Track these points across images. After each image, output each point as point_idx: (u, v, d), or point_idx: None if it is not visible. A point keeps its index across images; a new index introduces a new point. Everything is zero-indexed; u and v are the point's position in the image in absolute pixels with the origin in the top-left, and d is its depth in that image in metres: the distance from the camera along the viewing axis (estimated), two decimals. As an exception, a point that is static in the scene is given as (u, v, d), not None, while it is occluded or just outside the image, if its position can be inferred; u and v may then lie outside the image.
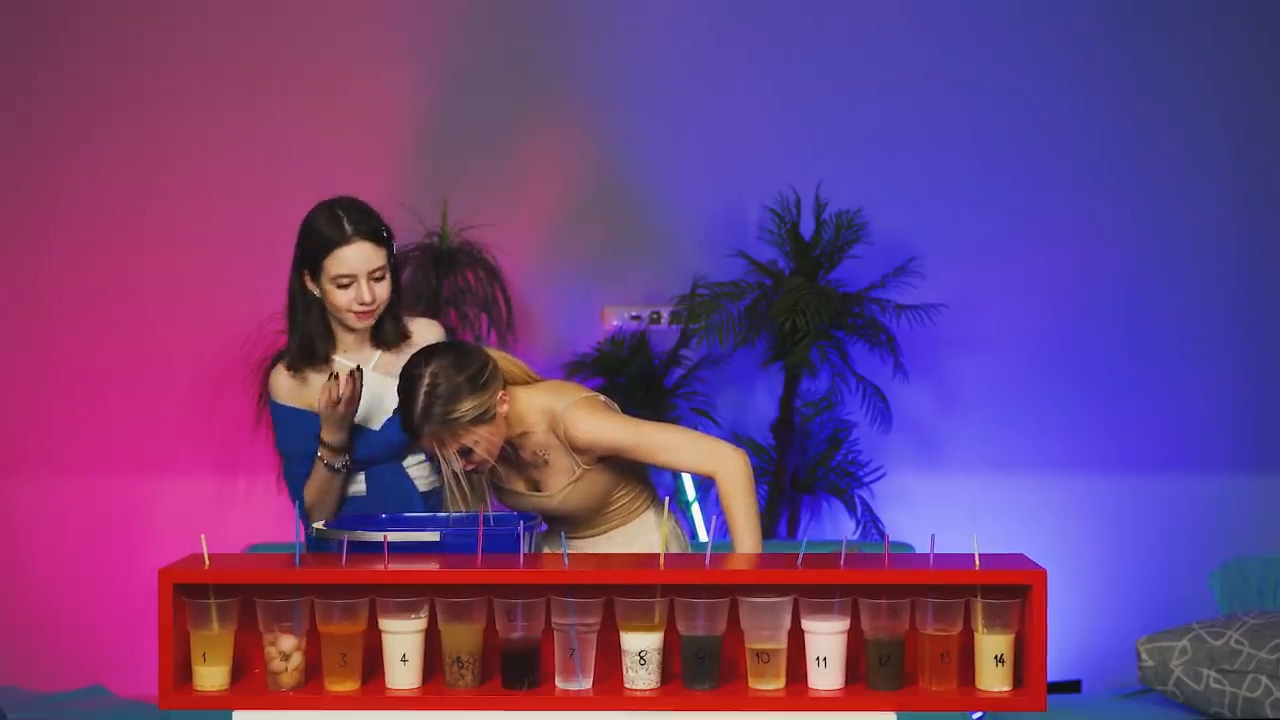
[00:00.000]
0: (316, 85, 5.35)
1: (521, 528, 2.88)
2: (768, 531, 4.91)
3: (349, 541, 2.85)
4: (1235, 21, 5.39)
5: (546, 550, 3.37)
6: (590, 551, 3.40)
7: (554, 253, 5.36)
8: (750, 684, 2.77)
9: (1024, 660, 2.76)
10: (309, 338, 3.40)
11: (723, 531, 3.34)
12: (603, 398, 3.36)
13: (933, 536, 2.82)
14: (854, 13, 5.39)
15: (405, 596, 2.77)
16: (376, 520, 3.20)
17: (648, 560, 2.91)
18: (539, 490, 3.37)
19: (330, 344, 3.42)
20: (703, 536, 5.11)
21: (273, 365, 3.49)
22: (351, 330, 3.40)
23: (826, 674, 2.76)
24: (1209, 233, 5.39)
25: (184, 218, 5.32)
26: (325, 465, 3.36)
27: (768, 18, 5.39)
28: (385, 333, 3.43)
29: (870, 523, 5.14)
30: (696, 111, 5.39)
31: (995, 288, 5.37)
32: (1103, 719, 4.30)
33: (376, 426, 3.41)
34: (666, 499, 3.11)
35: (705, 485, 5.18)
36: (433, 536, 2.95)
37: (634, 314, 5.34)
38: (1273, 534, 5.27)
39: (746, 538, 3.22)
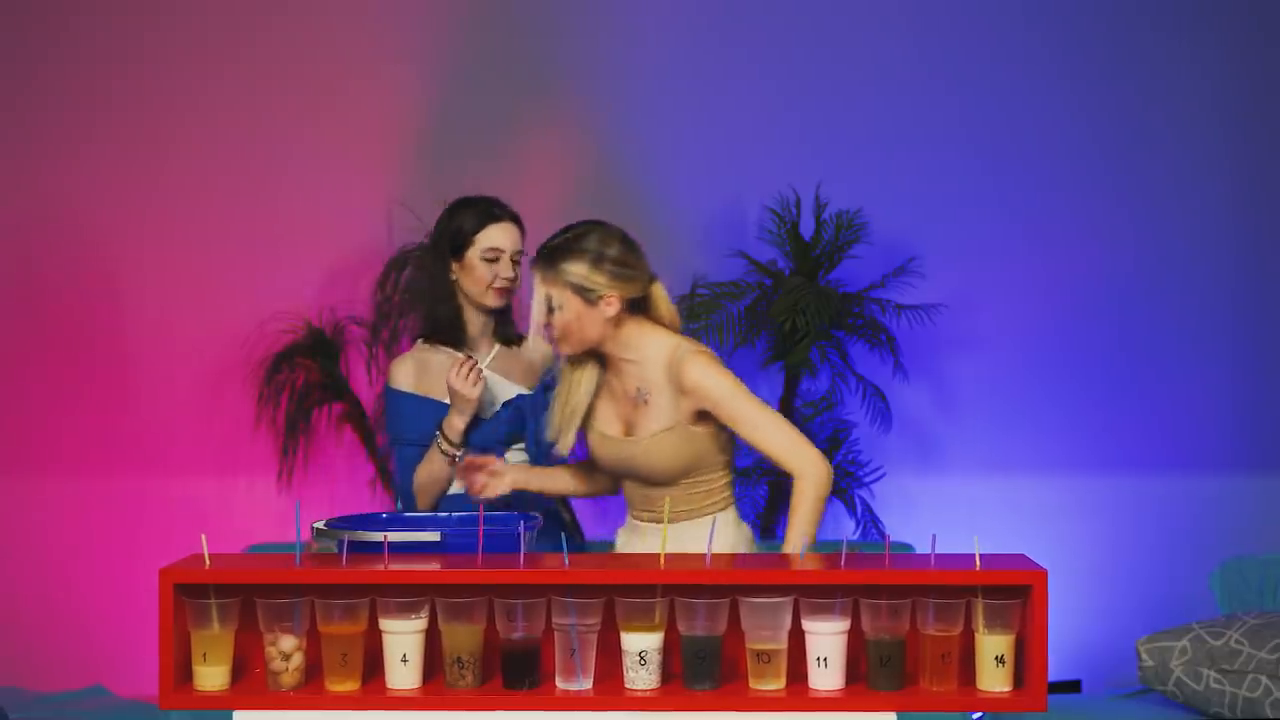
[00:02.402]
0: (316, 85, 5.35)
1: (522, 528, 2.88)
2: (767, 533, 4.91)
3: (350, 541, 2.86)
4: (1234, 22, 5.39)
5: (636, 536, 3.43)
6: (657, 543, 3.40)
7: (554, 253, 5.36)
8: (751, 684, 2.78)
9: (1024, 660, 2.76)
10: (447, 315, 3.75)
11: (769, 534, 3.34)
12: (722, 360, 3.42)
13: (933, 537, 2.82)
14: (854, 13, 5.39)
15: (406, 596, 2.77)
16: (377, 520, 3.21)
17: (648, 560, 2.92)
18: (631, 434, 3.38)
19: (461, 330, 3.76)
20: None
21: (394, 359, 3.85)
22: (484, 312, 3.73)
23: (827, 674, 2.76)
24: (1208, 233, 5.39)
25: (184, 218, 5.32)
26: (441, 451, 3.62)
27: (767, 18, 5.39)
28: (504, 327, 3.77)
29: (870, 523, 5.13)
30: (695, 111, 5.39)
31: (995, 288, 5.37)
32: (1103, 719, 4.30)
33: (487, 416, 3.68)
34: (667, 499, 3.11)
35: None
36: (433, 536, 2.96)
37: (634, 314, 5.34)
38: (1272, 534, 5.27)
39: (797, 542, 3.23)
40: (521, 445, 3.73)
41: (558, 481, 3.65)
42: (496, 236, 3.72)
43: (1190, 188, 5.39)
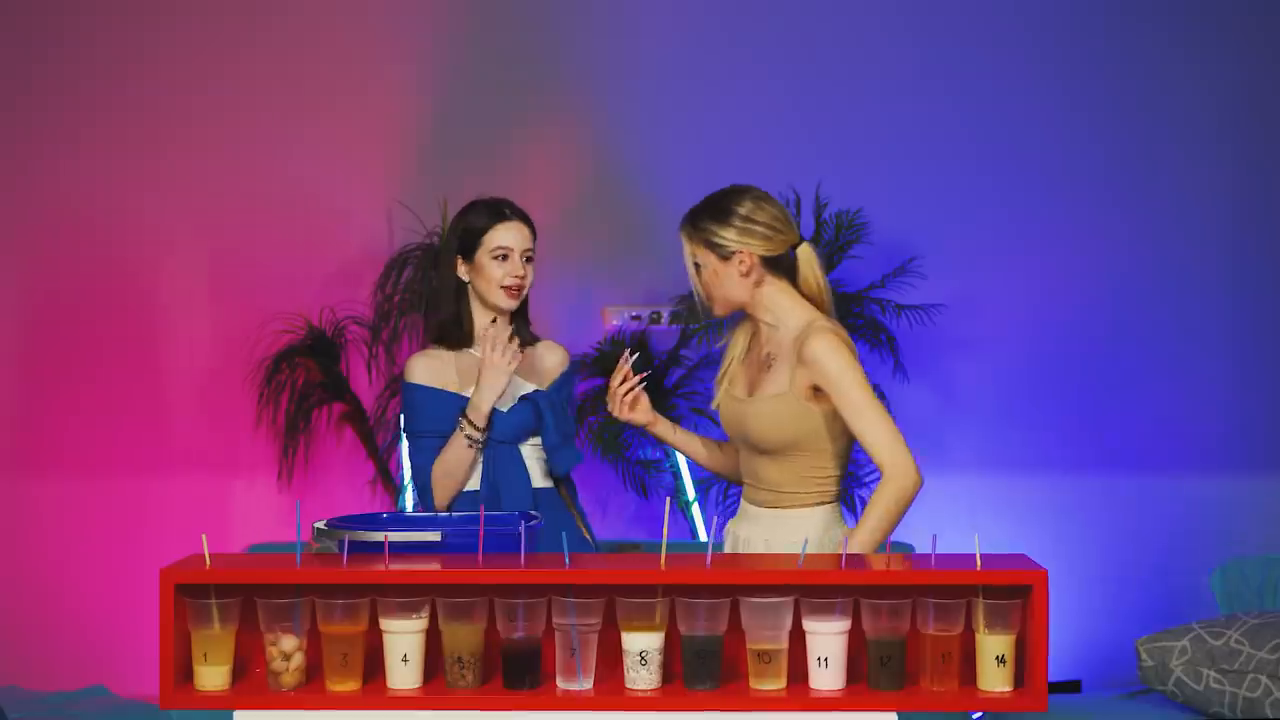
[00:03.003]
0: (316, 85, 5.35)
1: (522, 528, 2.88)
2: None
3: (350, 541, 2.86)
4: (1233, 22, 5.39)
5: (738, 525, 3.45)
6: (758, 531, 3.41)
7: (554, 253, 5.35)
8: (751, 684, 2.78)
9: (1025, 660, 2.76)
10: (455, 318, 3.78)
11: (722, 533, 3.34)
12: (853, 347, 3.43)
13: (934, 537, 2.82)
14: (855, 13, 5.39)
15: (406, 596, 2.77)
16: (377, 520, 3.20)
17: (648, 560, 2.91)
18: (752, 394, 3.42)
19: (468, 332, 3.78)
20: (702, 536, 5.11)
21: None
22: (497, 310, 3.74)
23: (828, 674, 2.76)
24: (1207, 233, 5.39)
25: (184, 218, 5.32)
26: (465, 435, 3.64)
27: (768, 17, 5.39)
28: (520, 328, 3.79)
29: (870, 523, 5.13)
30: (696, 111, 5.39)
31: (995, 288, 5.37)
32: (1103, 719, 4.30)
33: (504, 408, 3.68)
34: (668, 499, 3.11)
35: (705, 487, 5.18)
36: (434, 536, 2.95)
37: (634, 314, 5.34)
38: (1273, 534, 5.27)
39: (865, 539, 3.23)
40: (537, 441, 3.75)
41: (687, 443, 3.69)
42: (505, 235, 3.75)
43: (1190, 188, 5.39)
